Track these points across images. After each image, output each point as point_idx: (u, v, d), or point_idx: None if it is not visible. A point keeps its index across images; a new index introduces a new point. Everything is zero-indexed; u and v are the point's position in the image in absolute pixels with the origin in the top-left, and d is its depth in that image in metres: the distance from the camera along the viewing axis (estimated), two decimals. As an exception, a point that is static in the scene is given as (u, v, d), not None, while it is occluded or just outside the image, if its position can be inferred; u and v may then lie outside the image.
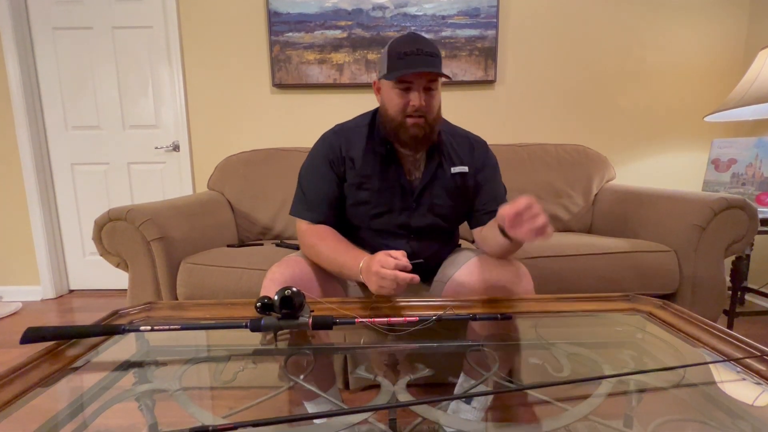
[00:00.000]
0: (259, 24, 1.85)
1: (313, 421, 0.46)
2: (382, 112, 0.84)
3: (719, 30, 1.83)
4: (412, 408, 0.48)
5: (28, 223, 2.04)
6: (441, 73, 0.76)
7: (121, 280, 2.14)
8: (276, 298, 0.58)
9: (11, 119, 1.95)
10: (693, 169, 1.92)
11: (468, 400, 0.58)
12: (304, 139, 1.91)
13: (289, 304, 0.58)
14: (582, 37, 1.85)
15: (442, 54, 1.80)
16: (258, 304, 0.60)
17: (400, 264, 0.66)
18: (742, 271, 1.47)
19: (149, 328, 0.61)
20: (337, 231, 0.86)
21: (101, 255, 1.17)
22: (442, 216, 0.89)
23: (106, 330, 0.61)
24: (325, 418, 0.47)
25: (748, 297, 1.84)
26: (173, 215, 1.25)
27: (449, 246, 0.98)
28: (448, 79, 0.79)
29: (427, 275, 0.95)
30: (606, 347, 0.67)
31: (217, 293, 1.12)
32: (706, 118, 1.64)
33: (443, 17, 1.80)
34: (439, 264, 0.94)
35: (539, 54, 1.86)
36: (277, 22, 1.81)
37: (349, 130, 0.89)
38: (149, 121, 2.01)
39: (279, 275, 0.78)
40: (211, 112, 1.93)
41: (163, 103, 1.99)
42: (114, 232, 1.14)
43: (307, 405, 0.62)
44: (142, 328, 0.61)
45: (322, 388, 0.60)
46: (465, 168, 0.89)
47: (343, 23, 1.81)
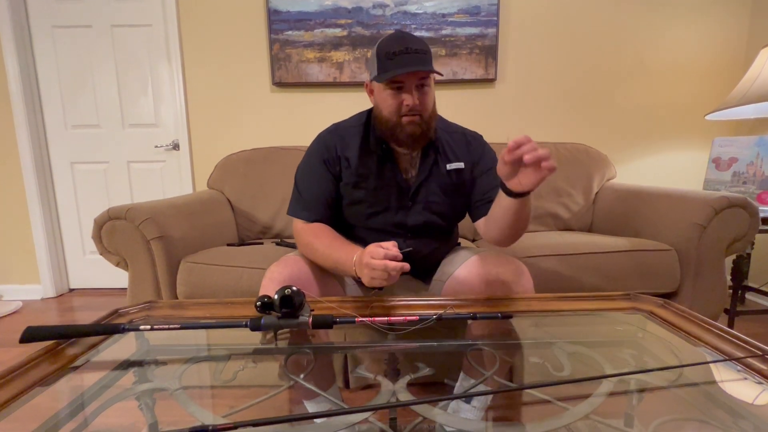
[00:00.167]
0: (259, 22, 1.84)
1: (314, 420, 0.46)
2: (377, 113, 0.84)
3: (720, 28, 1.82)
4: (412, 407, 0.48)
5: (28, 222, 2.04)
6: (431, 70, 0.75)
7: (121, 278, 2.14)
8: (276, 297, 0.58)
9: (11, 118, 1.95)
10: (694, 167, 1.91)
11: (468, 400, 0.58)
12: (304, 138, 1.91)
13: (289, 303, 0.58)
14: (583, 36, 1.84)
15: (442, 52, 1.81)
16: (258, 304, 0.59)
17: (390, 254, 0.65)
18: (742, 270, 1.47)
19: (149, 327, 0.61)
20: (333, 229, 0.86)
21: (101, 254, 1.17)
22: (439, 213, 0.89)
23: (106, 329, 0.61)
24: (325, 418, 0.47)
25: (749, 296, 1.84)
26: (173, 214, 1.25)
27: (448, 244, 0.97)
28: (440, 75, 0.79)
29: (426, 274, 0.95)
30: (607, 346, 0.67)
31: (217, 292, 1.12)
32: (707, 117, 1.64)
33: (443, 15, 1.79)
34: (438, 263, 0.94)
35: (540, 52, 1.86)
36: (276, 20, 1.80)
37: (344, 129, 0.89)
38: (149, 120, 2.01)
39: (278, 274, 0.78)
40: (211, 111, 1.93)
41: (162, 102, 1.99)
42: (114, 231, 1.14)
43: (307, 404, 0.62)
44: (142, 327, 0.61)
45: (322, 387, 0.60)
46: (461, 164, 0.88)
47: (343, 21, 1.80)
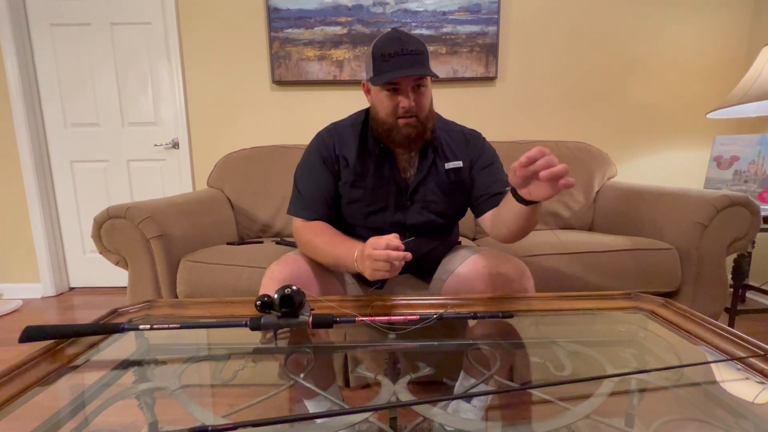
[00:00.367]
0: (259, 20, 1.84)
1: (314, 420, 0.46)
2: (373, 113, 0.84)
3: (722, 26, 1.81)
4: (412, 407, 0.48)
5: (27, 221, 2.03)
6: (426, 73, 0.75)
7: (121, 277, 2.14)
8: (276, 296, 0.58)
9: (10, 117, 1.94)
10: (695, 166, 1.91)
11: (468, 399, 0.58)
12: (304, 136, 1.90)
13: (289, 302, 0.58)
14: (584, 34, 1.83)
15: (442, 50, 1.80)
16: (258, 303, 0.59)
17: (392, 244, 0.65)
18: (744, 269, 1.47)
19: (148, 326, 0.61)
20: (332, 226, 0.86)
21: (100, 253, 1.17)
22: (438, 213, 0.89)
23: (105, 329, 0.60)
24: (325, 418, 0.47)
25: (749, 295, 1.84)
26: (173, 213, 1.24)
27: (448, 243, 0.97)
28: (436, 77, 0.78)
29: (427, 273, 0.95)
30: (608, 346, 0.67)
31: (217, 291, 1.12)
32: (709, 115, 1.63)
33: (444, 13, 1.78)
34: (438, 261, 0.93)
35: (540, 50, 1.85)
36: (276, 18, 1.79)
37: (342, 128, 0.89)
38: (148, 118, 2.00)
39: (278, 273, 0.78)
40: (211, 109, 1.92)
41: (162, 100, 1.98)
42: (113, 230, 1.14)
43: (308, 403, 0.62)
44: (142, 326, 0.61)
45: (322, 386, 0.60)
46: (459, 163, 0.88)
47: (343, 19, 1.79)
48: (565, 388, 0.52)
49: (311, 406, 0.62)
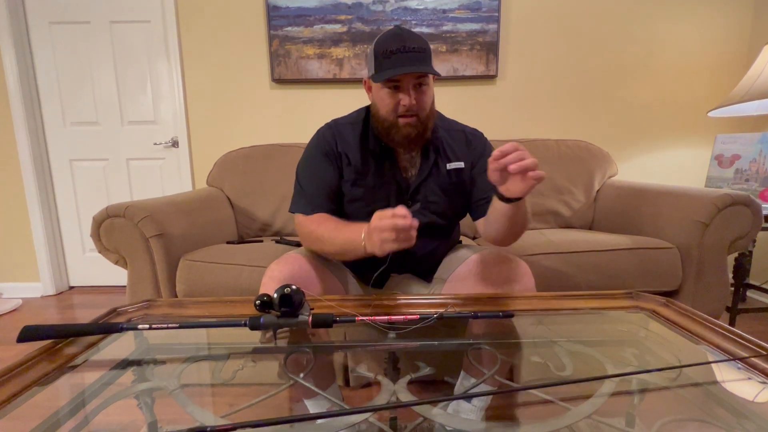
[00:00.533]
0: (258, 18, 1.83)
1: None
2: (374, 111, 0.83)
3: (723, 24, 1.81)
4: (412, 407, 0.47)
5: (27, 220, 2.03)
6: (428, 71, 0.74)
7: (121, 276, 2.14)
8: (275, 296, 0.58)
9: (9, 115, 1.94)
10: (696, 165, 1.90)
11: (468, 399, 0.58)
12: (303, 135, 1.89)
13: (288, 302, 0.57)
14: (584, 32, 1.83)
15: (442, 49, 1.79)
16: (257, 302, 0.59)
17: (398, 213, 0.64)
18: (744, 268, 1.47)
19: (147, 326, 0.60)
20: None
21: (100, 252, 1.16)
22: (439, 213, 0.88)
23: (104, 328, 0.60)
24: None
25: (750, 293, 1.83)
26: (172, 211, 1.24)
27: (449, 243, 0.97)
28: (438, 76, 0.78)
29: (427, 273, 0.95)
30: (609, 345, 0.66)
31: (216, 290, 1.12)
32: (710, 114, 1.63)
33: (444, 11, 1.77)
34: (439, 261, 0.93)
35: (541, 49, 1.84)
36: (276, 16, 1.79)
37: (343, 126, 0.88)
38: (148, 117, 2.00)
39: (278, 273, 0.77)
40: (210, 108, 1.92)
41: (161, 99, 1.98)
42: (112, 229, 1.13)
43: (308, 403, 0.61)
44: (141, 326, 0.60)
45: (322, 385, 0.60)
46: (461, 163, 0.87)
47: (342, 17, 1.79)
48: (566, 388, 0.51)
49: (311, 406, 0.61)
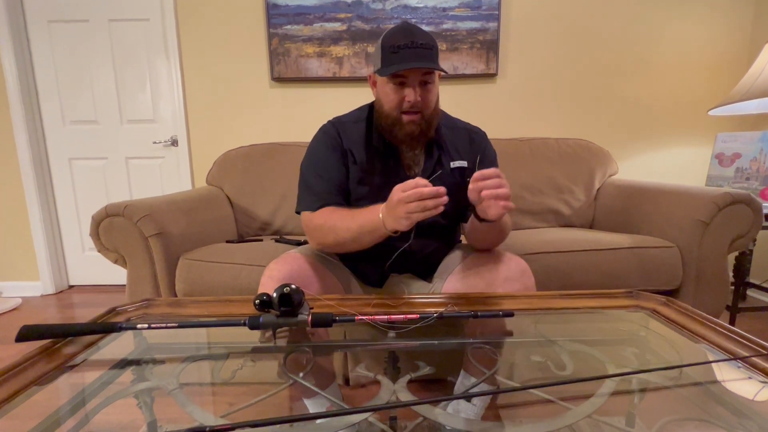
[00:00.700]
0: (258, 16, 1.82)
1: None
2: (378, 107, 0.82)
3: (724, 22, 1.80)
4: (412, 407, 0.47)
5: (26, 219, 2.03)
6: (436, 68, 0.73)
7: (121, 275, 2.13)
8: (275, 295, 0.58)
9: (8, 114, 1.93)
10: (696, 163, 1.90)
11: (468, 399, 0.57)
12: (303, 134, 1.89)
13: (287, 301, 0.57)
14: (585, 30, 1.82)
15: (442, 47, 1.78)
16: (256, 302, 0.59)
17: (421, 182, 0.63)
18: (745, 267, 1.46)
19: (146, 325, 0.60)
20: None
21: (99, 251, 1.16)
22: (442, 213, 0.88)
23: (103, 328, 0.60)
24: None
25: (750, 292, 1.83)
26: (171, 210, 1.24)
27: (450, 243, 0.96)
28: (445, 72, 0.77)
29: (428, 272, 0.94)
30: (609, 344, 0.66)
31: (216, 289, 1.12)
32: (711, 112, 1.62)
33: (444, 9, 1.77)
34: (439, 261, 0.93)
35: (541, 47, 1.84)
36: (275, 15, 1.78)
37: (346, 124, 0.87)
38: (147, 116, 1.99)
39: (277, 272, 0.77)
40: (210, 106, 1.91)
41: (160, 97, 1.97)
42: (111, 228, 1.13)
43: (307, 402, 0.61)
44: (139, 326, 0.60)
45: (321, 385, 0.59)
46: (464, 163, 0.87)
47: (342, 15, 1.78)
48: (566, 388, 0.51)
49: (311, 405, 0.61)
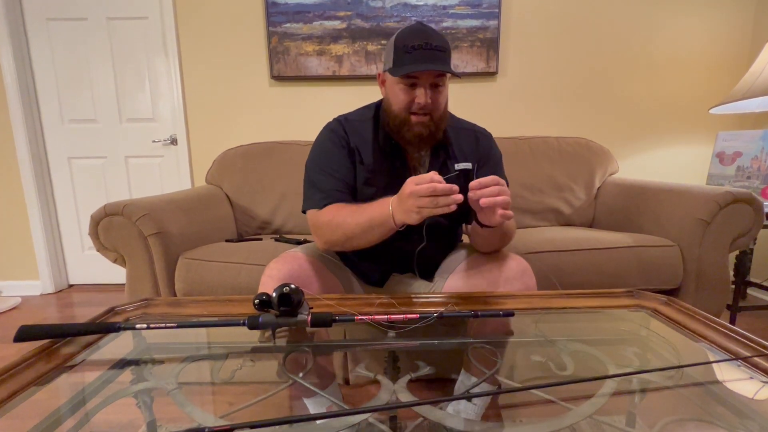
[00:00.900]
0: (257, 14, 1.81)
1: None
2: (386, 106, 0.81)
3: (725, 21, 1.79)
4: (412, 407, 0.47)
5: (26, 218, 2.03)
6: (450, 71, 0.72)
7: (121, 274, 2.13)
8: (274, 295, 0.57)
9: (7, 113, 1.93)
10: (697, 162, 1.90)
11: (468, 398, 0.57)
12: (303, 133, 1.89)
13: (287, 301, 0.57)
14: (585, 29, 1.82)
15: (443, 45, 1.78)
16: (256, 301, 0.58)
17: (436, 178, 0.63)
18: (745, 266, 1.46)
19: (145, 325, 0.60)
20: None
21: (98, 250, 1.16)
22: (446, 216, 0.87)
23: (101, 328, 0.60)
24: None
25: (750, 291, 1.83)
26: (171, 210, 1.23)
27: (452, 243, 0.96)
28: (458, 76, 0.76)
29: (428, 272, 0.94)
30: (610, 344, 0.66)
31: (215, 288, 1.12)
32: (712, 111, 1.62)
33: (444, 7, 1.76)
34: (441, 261, 0.92)
35: (542, 45, 1.83)
36: (275, 13, 1.77)
37: (353, 122, 0.85)
38: (146, 115, 1.99)
39: (277, 272, 0.77)
40: (209, 105, 1.91)
41: (160, 96, 1.97)
42: (111, 227, 1.13)
43: (307, 402, 0.61)
44: (138, 326, 0.60)
45: (321, 385, 0.59)
46: (469, 164, 0.86)
47: (342, 14, 1.77)
48: (567, 387, 0.51)
49: (311, 405, 0.61)
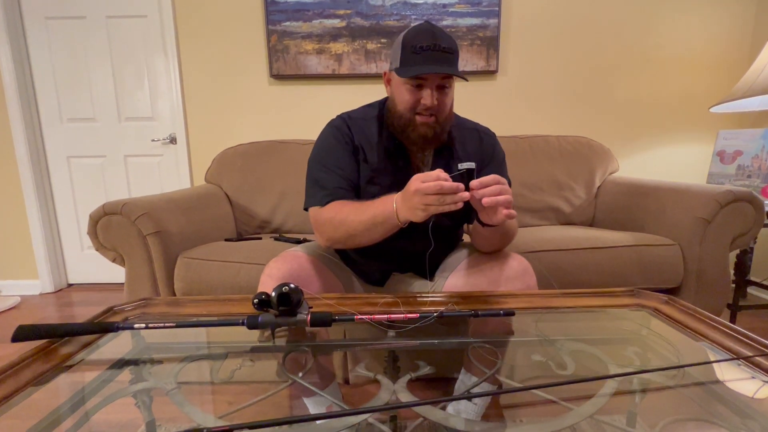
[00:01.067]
0: (256, 13, 1.81)
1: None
2: (391, 106, 0.80)
3: (726, 19, 1.79)
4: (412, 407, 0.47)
5: (25, 217, 2.02)
6: (458, 74, 0.72)
7: (120, 273, 2.13)
8: (273, 294, 0.57)
9: (5, 112, 1.92)
10: (698, 161, 1.89)
11: (469, 398, 0.57)
12: (302, 131, 1.88)
13: (286, 300, 0.57)
14: (586, 27, 1.81)
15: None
16: (255, 301, 0.58)
17: (443, 176, 0.62)
18: (746, 265, 1.46)
19: (144, 325, 0.60)
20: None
21: (97, 250, 1.16)
22: (448, 215, 0.87)
23: (100, 328, 0.59)
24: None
25: (750, 290, 1.83)
26: (170, 209, 1.23)
27: (453, 243, 0.96)
28: (465, 80, 0.75)
29: (430, 272, 0.94)
30: (610, 344, 0.66)
31: (214, 288, 1.11)
32: (712, 109, 1.61)
33: (444, 5, 1.76)
34: (441, 260, 0.92)
35: (542, 44, 1.83)
36: (274, 11, 1.77)
37: (357, 120, 0.85)
38: (145, 113, 1.98)
39: (276, 271, 0.77)
40: (208, 104, 1.90)
41: (159, 95, 1.96)
42: (109, 227, 1.13)
43: (307, 401, 0.61)
44: (137, 325, 0.59)
45: (321, 384, 0.59)
46: (473, 164, 0.86)
47: (341, 12, 1.77)
48: (568, 387, 0.51)
49: (310, 405, 0.61)
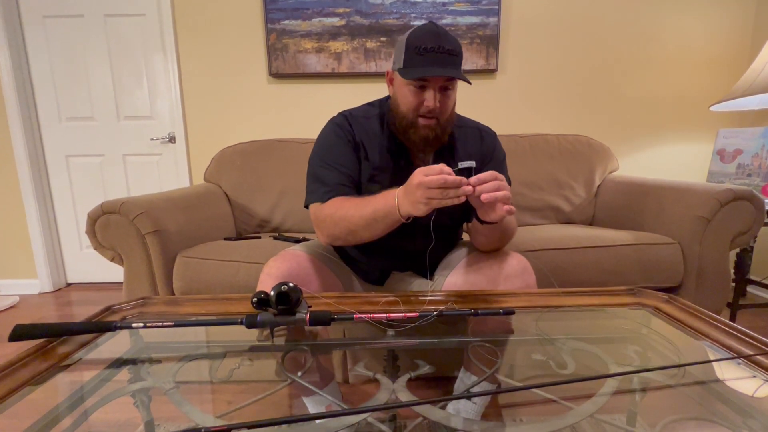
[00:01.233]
0: (255, 11, 1.80)
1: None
2: (394, 106, 0.80)
3: (726, 18, 1.79)
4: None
5: (23, 216, 2.02)
6: (462, 78, 0.72)
7: (119, 273, 2.12)
8: (272, 293, 0.57)
9: (3, 111, 1.92)
10: (698, 160, 1.89)
11: (468, 398, 0.57)
12: (301, 130, 1.88)
13: (285, 299, 0.56)
14: (585, 26, 1.81)
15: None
16: (254, 300, 0.58)
17: (446, 169, 0.62)
18: (746, 264, 1.46)
19: (142, 324, 0.59)
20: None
21: (95, 249, 1.15)
22: (449, 214, 0.87)
23: (98, 327, 0.59)
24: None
25: (750, 289, 1.83)
26: (169, 208, 1.23)
27: (452, 242, 0.96)
28: (468, 83, 0.75)
29: (429, 270, 0.94)
30: (611, 343, 0.66)
31: (213, 287, 1.11)
32: (712, 108, 1.61)
33: (444, 4, 1.75)
34: (441, 259, 0.92)
35: (541, 43, 1.82)
36: (273, 9, 1.76)
37: (358, 118, 0.84)
38: (144, 112, 1.98)
39: (275, 270, 0.76)
40: (207, 103, 1.90)
41: (157, 94, 1.96)
42: (108, 226, 1.12)
43: (306, 401, 0.61)
44: (135, 325, 0.59)
45: (320, 383, 0.59)
46: (473, 163, 0.86)
47: (341, 10, 1.76)
48: (568, 386, 0.51)
49: (310, 404, 0.61)
